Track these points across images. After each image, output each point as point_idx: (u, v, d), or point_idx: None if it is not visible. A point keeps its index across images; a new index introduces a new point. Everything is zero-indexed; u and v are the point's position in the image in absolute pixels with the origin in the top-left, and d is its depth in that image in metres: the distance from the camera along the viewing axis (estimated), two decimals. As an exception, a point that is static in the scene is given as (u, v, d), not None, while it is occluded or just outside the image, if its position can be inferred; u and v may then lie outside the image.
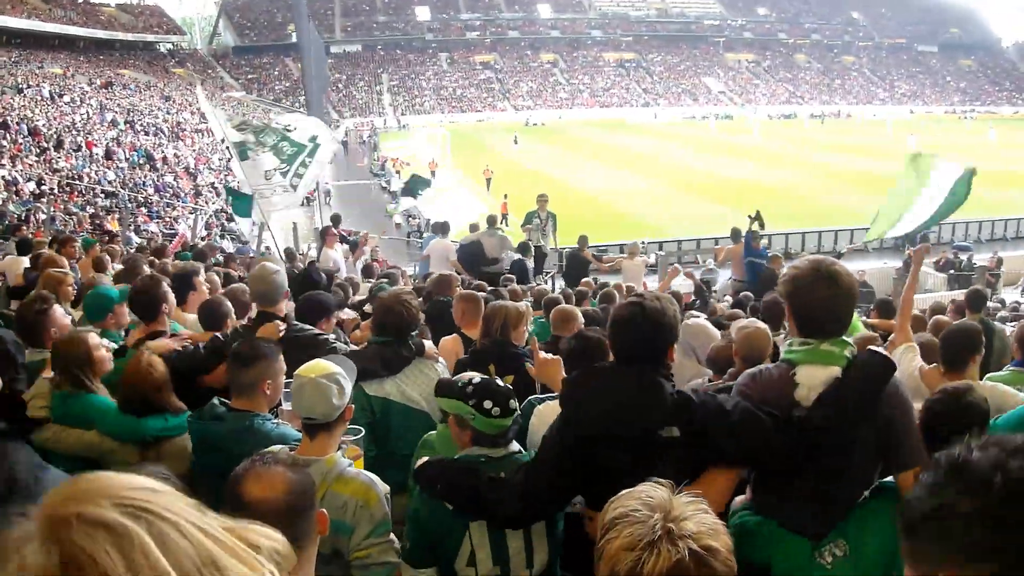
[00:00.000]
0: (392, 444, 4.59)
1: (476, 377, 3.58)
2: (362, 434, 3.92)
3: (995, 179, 45.17)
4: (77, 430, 4.20)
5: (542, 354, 4.23)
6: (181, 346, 5.07)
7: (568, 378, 3.35)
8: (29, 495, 2.91)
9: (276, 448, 3.52)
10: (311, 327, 5.37)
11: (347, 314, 7.13)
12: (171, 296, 5.50)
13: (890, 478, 3.08)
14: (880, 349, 3.04)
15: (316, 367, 3.48)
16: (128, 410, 4.18)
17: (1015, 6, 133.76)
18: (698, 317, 7.36)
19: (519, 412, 3.54)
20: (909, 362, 5.25)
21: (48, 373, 4.58)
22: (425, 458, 3.56)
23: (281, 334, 4.97)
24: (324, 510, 2.38)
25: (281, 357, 4.09)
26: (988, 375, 5.85)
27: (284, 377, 4.07)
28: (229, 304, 5.85)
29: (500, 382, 3.55)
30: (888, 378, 2.94)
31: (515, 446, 3.55)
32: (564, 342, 4.33)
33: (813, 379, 2.97)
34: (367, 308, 8.06)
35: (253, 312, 5.81)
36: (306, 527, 2.28)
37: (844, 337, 3.06)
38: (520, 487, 3.14)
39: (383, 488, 3.43)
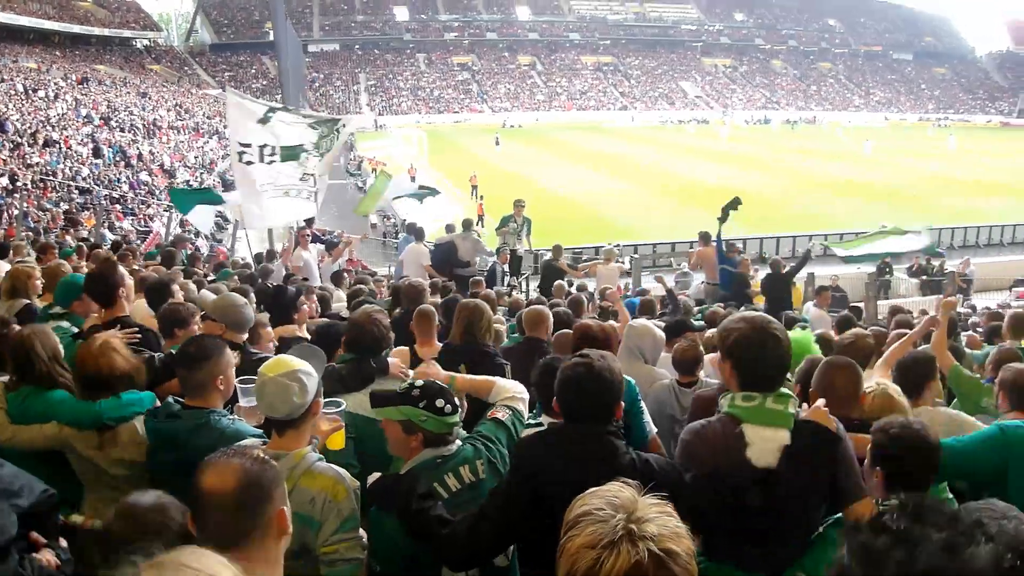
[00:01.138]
0: (366, 459, 4.47)
1: (416, 381, 3.58)
2: (343, 407, 3.88)
3: (966, 187, 45.91)
4: (35, 425, 4.11)
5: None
6: (128, 339, 5.01)
7: (520, 440, 3.41)
8: None
9: (249, 442, 3.54)
10: (267, 353, 5.33)
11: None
12: (128, 279, 5.44)
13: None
14: (823, 420, 3.15)
15: (278, 364, 3.45)
16: (86, 395, 4.11)
17: (989, 17, 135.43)
18: (643, 319, 7.30)
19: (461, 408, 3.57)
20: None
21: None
22: (377, 474, 3.55)
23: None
24: (285, 507, 2.35)
25: (228, 351, 4.08)
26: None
27: (234, 371, 4.09)
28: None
29: (438, 382, 3.59)
30: (835, 450, 3.09)
31: (458, 440, 3.57)
32: (533, 374, 4.32)
33: (765, 441, 3.08)
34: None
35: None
36: (257, 522, 2.27)
37: (783, 389, 3.18)
38: (464, 536, 3.14)
39: (352, 483, 3.41)
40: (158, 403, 4.19)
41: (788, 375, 3.43)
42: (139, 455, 4.05)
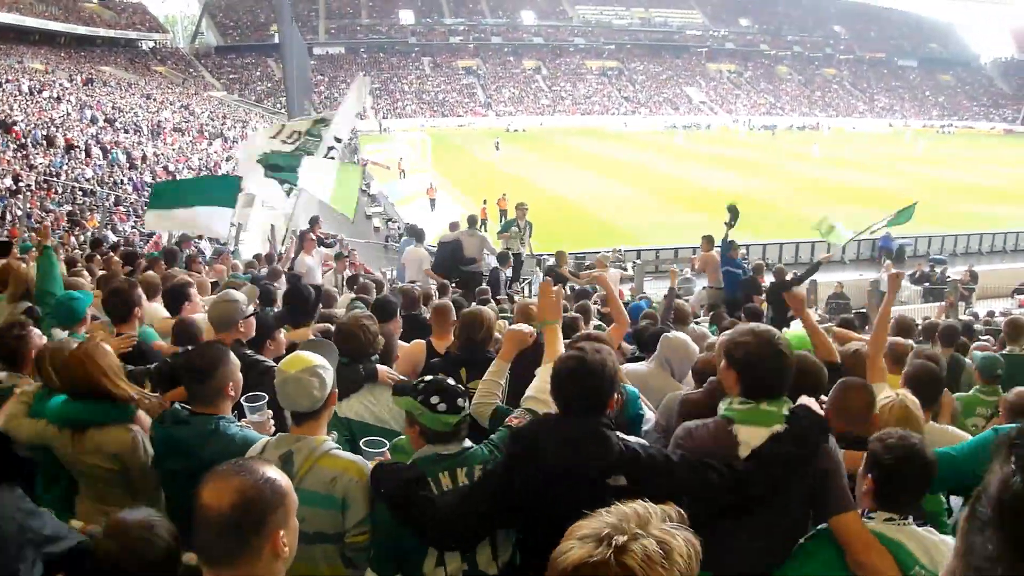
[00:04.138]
0: None
1: (426, 377, 3.65)
2: (387, 446, 3.91)
3: (975, 194, 45.93)
4: (31, 420, 4.20)
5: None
6: (120, 347, 5.01)
7: (514, 428, 3.46)
8: (12, 544, 2.86)
9: (263, 442, 3.62)
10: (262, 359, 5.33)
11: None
12: (144, 300, 5.50)
13: (824, 525, 3.23)
14: (814, 407, 3.26)
15: (296, 361, 3.59)
16: (72, 395, 4.13)
17: (994, 24, 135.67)
18: (679, 331, 7.13)
19: (468, 412, 3.58)
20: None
21: (22, 387, 4.55)
22: (379, 460, 3.62)
23: None
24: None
25: (232, 355, 4.08)
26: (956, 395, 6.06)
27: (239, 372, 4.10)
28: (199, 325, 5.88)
29: (451, 382, 3.58)
30: (824, 440, 3.18)
31: (468, 443, 3.58)
32: None
33: (755, 438, 3.18)
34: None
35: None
36: (248, 546, 2.23)
37: (783, 397, 3.29)
38: (450, 513, 3.22)
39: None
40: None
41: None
42: (107, 462, 4.06)
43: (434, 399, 3.45)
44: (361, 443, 3.80)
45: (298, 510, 2.43)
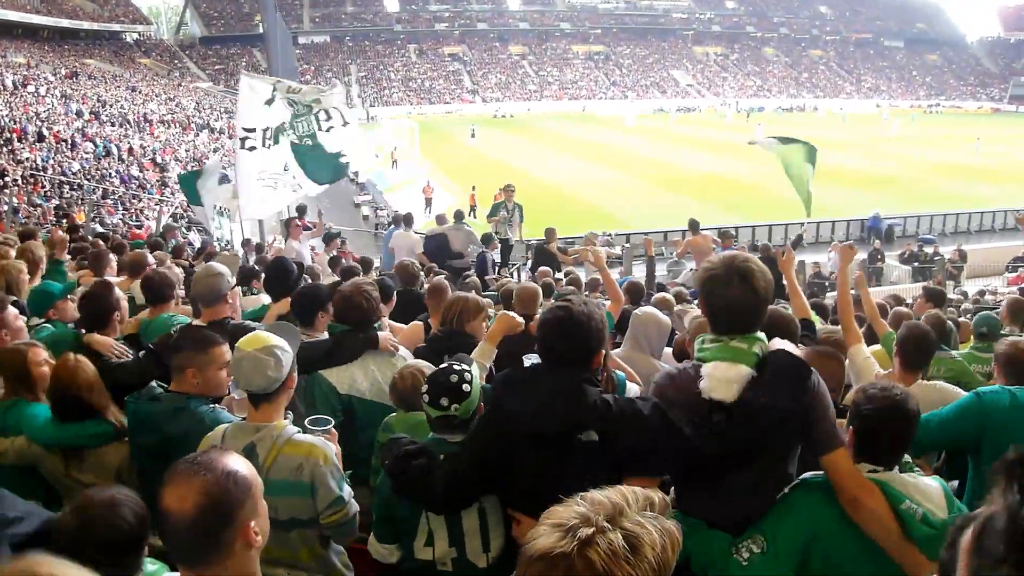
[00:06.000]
0: (356, 441, 4.52)
1: (443, 367, 3.60)
2: (331, 424, 3.80)
3: (965, 173, 45.97)
4: (9, 439, 4.09)
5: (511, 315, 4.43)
6: (118, 352, 4.99)
7: (496, 376, 3.39)
8: None
9: (222, 429, 3.57)
10: (248, 322, 5.30)
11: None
12: (123, 303, 5.37)
13: (809, 474, 3.12)
14: (793, 350, 3.07)
15: (254, 340, 3.52)
16: (61, 415, 4.05)
17: (980, 3, 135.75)
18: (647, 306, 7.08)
19: (453, 411, 3.42)
20: (871, 367, 5.14)
21: None
22: (391, 437, 3.62)
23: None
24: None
25: (216, 351, 4.01)
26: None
27: (223, 373, 4.03)
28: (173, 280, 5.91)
29: (454, 378, 3.44)
30: (806, 381, 2.95)
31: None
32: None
33: (720, 371, 2.95)
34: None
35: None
36: (219, 545, 2.20)
37: (756, 334, 3.04)
38: (446, 476, 3.21)
39: (333, 447, 3.55)
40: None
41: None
42: (105, 477, 3.99)
43: (425, 386, 3.45)
44: (306, 421, 3.70)
45: (269, 500, 2.41)
